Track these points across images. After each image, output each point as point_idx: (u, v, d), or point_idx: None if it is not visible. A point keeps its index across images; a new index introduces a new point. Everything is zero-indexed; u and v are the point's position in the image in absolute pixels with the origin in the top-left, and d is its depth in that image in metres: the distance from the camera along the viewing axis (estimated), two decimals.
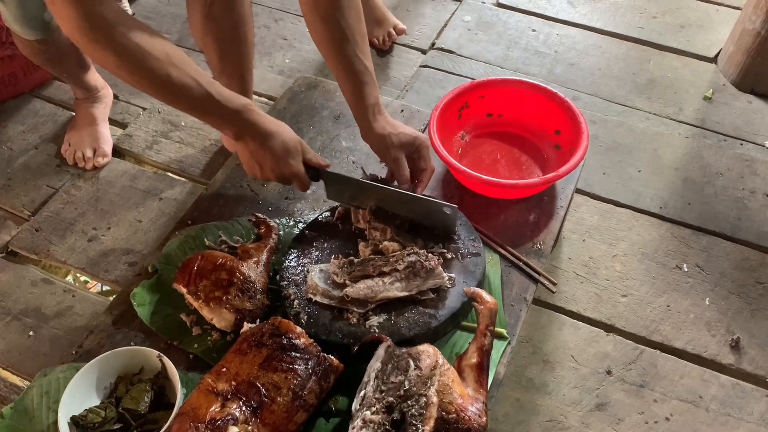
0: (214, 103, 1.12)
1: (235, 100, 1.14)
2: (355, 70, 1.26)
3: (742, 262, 1.72)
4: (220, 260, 1.18)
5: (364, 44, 1.27)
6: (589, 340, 1.57)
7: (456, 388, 0.99)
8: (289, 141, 1.19)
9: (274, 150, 1.18)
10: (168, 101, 1.13)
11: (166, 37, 1.09)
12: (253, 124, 1.16)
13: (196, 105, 1.12)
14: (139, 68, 1.04)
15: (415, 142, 1.31)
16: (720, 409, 1.46)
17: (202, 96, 1.10)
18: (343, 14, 1.22)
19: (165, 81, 1.06)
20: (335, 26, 1.23)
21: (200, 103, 1.11)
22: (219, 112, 1.13)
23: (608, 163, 1.95)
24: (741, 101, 2.17)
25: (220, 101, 1.12)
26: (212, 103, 1.11)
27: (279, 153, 1.18)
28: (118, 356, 1.11)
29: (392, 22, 2.31)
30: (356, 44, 1.25)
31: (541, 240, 1.36)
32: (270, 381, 0.97)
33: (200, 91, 1.09)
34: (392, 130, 1.30)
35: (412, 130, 1.32)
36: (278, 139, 1.18)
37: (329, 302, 1.15)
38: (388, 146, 1.29)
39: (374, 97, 1.29)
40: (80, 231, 1.79)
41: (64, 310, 1.62)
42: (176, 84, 1.07)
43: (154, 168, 1.97)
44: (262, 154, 1.18)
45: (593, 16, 2.45)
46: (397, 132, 1.30)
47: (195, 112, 1.15)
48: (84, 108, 1.96)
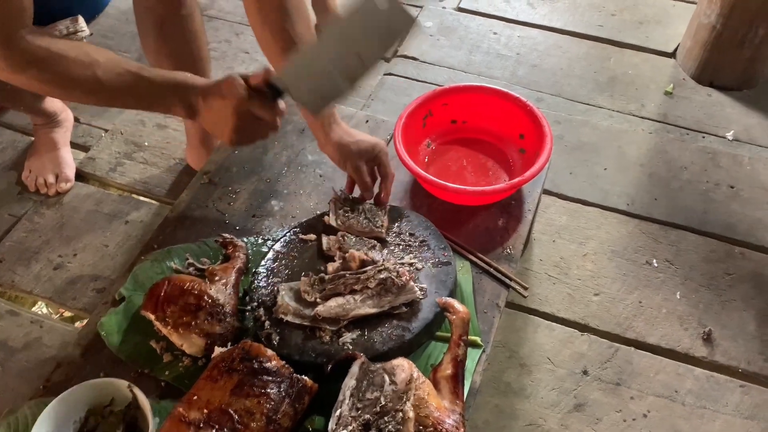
0: (153, 86, 1.09)
1: (171, 75, 1.12)
2: None
3: (710, 254, 1.74)
4: (188, 284, 1.16)
5: None
6: (565, 341, 1.58)
7: (432, 401, 0.99)
8: (225, 82, 1.11)
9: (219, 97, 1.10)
10: (106, 102, 1.12)
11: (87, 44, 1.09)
12: (194, 89, 1.12)
13: (134, 96, 1.10)
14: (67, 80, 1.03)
15: (374, 150, 1.30)
16: (696, 402, 1.48)
17: (137, 82, 1.08)
18: (293, 24, 1.21)
19: (96, 83, 1.05)
20: (284, 36, 1.21)
21: (139, 94, 1.10)
22: (161, 93, 1.11)
23: (574, 162, 1.97)
24: (701, 94, 2.20)
25: (157, 80, 1.10)
26: (151, 85, 1.09)
27: (225, 95, 1.09)
28: (87, 389, 1.08)
29: None
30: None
31: (510, 245, 1.37)
32: (242, 407, 0.96)
33: (135, 79, 1.07)
34: (350, 139, 1.29)
35: (370, 138, 1.32)
36: (216, 87, 1.11)
37: (301, 321, 1.14)
38: (347, 156, 1.29)
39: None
40: (45, 259, 1.75)
41: (31, 341, 1.58)
42: (107, 84, 1.05)
43: (119, 190, 1.94)
44: (214, 108, 1.11)
45: (553, 17, 2.48)
46: (355, 140, 1.29)
47: (137, 103, 1.14)
48: (44, 133, 1.92)
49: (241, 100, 1.10)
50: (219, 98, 1.10)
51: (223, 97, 1.10)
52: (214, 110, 1.12)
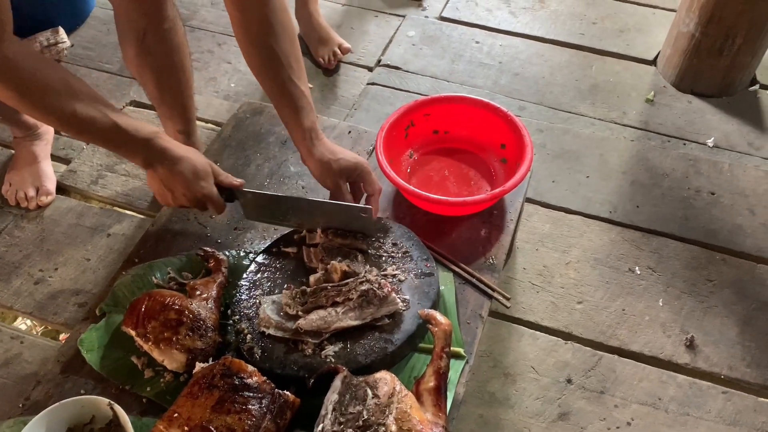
0: (121, 134, 1.12)
1: (142, 129, 1.15)
2: (291, 95, 1.26)
3: (692, 261, 1.76)
4: (168, 299, 1.15)
5: (299, 69, 1.26)
6: (548, 350, 1.58)
7: (415, 414, 0.98)
8: (199, 164, 1.21)
9: (184, 174, 1.19)
10: (74, 134, 1.16)
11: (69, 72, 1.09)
12: (162, 151, 1.17)
13: (103, 136, 1.13)
14: (40, 103, 1.05)
15: (356, 169, 1.29)
16: (679, 409, 1.49)
17: (108, 127, 1.10)
18: (277, 40, 1.22)
19: (69, 115, 1.06)
20: (269, 52, 1.23)
21: (107, 135, 1.12)
22: (127, 142, 1.14)
23: (557, 170, 1.98)
24: (681, 102, 2.22)
25: (128, 131, 1.13)
26: (119, 133, 1.12)
27: (189, 176, 1.19)
28: (67, 407, 1.07)
29: (337, 41, 2.31)
30: (291, 69, 1.25)
31: (493, 255, 1.37)
32: (223, 424, 0.95)
33: (106, 122, 1.10)
34: (332, 157, 1.28)
35: (353, 155, 1.30)
36: (187, 162, 1.19)
37: (283, 334, 1.14)
38: (328, 173, 1.28)
39: (311, 122, 1.28)
40: (26, 273, 1.74)
41: (11, 358, 1.57)
42: (80, 116, 1.07)
43: (101, 203, 1.93)
44: (172, 179, 1.19)
45: (534, 25, 2.49)
46: (337, 158, 1.28)
47: (102, 143, 1.17)
48: (24, 146, 1.91)
49: (208, 195, 1.22)
50: (184, 177, 1.19)
51: (189, 180, 1.19)
52: (172, 181, 1.19)
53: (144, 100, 2.19)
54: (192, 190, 1.20)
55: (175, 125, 1.73)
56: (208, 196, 1.22)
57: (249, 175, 1.53)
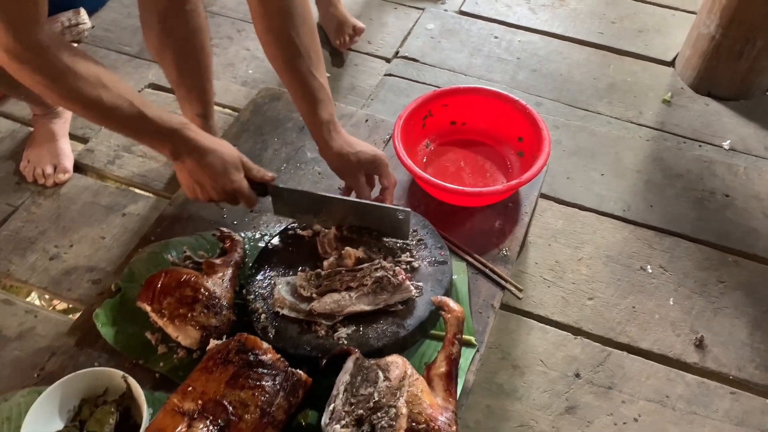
0: (148, 124, 1.11)
1: (171, 119, 1.13)
2: (310, 88, 1.25)
3: (704, 261, 1.75)
4: (185, 277, 1.16)
5: (318, 61, 1.26)
6: (558, 344, 1.59)
7: (425, 399, 0.99)
8: (229, 156, 1.18)
9: (214, 166, 1.16)
10: (102, 122, 1.13)
11: (99, 61, 1.09)
12: (190, 142, 1.15)
13: (130, 126, 1.11)
14: (70, 90, 1.04)
15: (374, 162, 1.29)
16: (686, 407, 1.49)
17: (135, 116, 1.09)
18: (297, 31, 1.22)
19: (96, 102, 1.06)
20: (289, 44, 1.22)
21: (134, 124, 1.10)
22: (154, 132, 1.12)
23: (572, 167, 1.98)
24: (699, 104, 2.21)
25: (155, 120, 1.11)
26: (146, 123, 1.10)
27: (218, 169, 1.16)
28: (81, 378, 1.08)
29: (351, 23, 2.32)
30: (310, 61, 1.24)
31: (506, 246, 1.37)
32: (237, 399, 0.96)
33: (133, 112, 1.09)
34: (350, 149, 1.28)
35: (371, 148, 1.31)
36: (217, 155, 1.16)
37: (297, 315, 1.15)
38: (346, 166, 1.29)
39: (329, 114, 1.27)
40: (41, 249, 1.75)
41: (25, 331, 1.58)
42: (107, 105, 1.06)
43: (117, 183, 1.94)
44: (201, 171, 1.16)
45: (554, 23, 2.49)
46: (355, 151, 1.28)
47: (129, 132, 1.14)
48: (43, 124, 1.92)
49: (237, 189, 1.19)
50: (213, 169, 1.16)
51: (219, 173, 1.16)
52: (200, 174, 1.17)
53: (162, 83, 2.20)
54: (222, 183, 1.17)
55: (194, 108, 1.74)
56: (239, 190, 1.19)
57: (266, 159, 1.54)
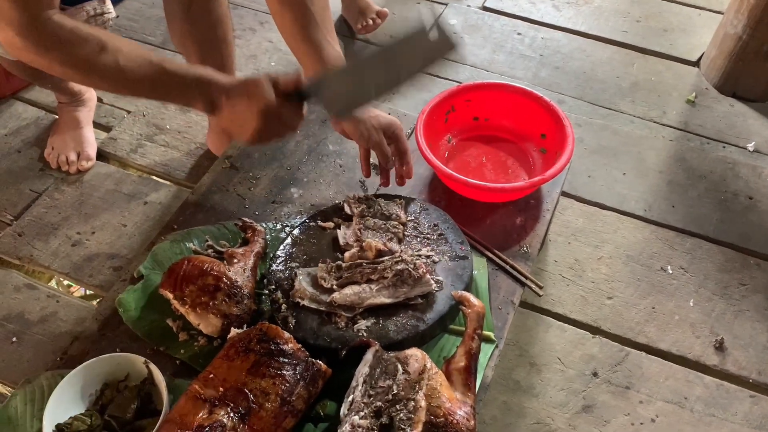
0: (172, 78, 1.07)
1: (191, 69, 1.09)
2: (327, 56, 1.22)
3: (726, 263, 1.74)
4: (207, 265, 1.17)
5: (333, 31, 1.26)
6: (576, 343, 1.58)
7: (444, 392, 0.99)
8: (252, 80, 1.09)
9: (243, 95, 1.08)
10: (125, 89, 1.10)
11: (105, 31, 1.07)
12: (217, 84, 1.09)
13: (154, 85, 1.08)
14: (89, 64, 1.03)
15: (391, 126, 1.32)
16: (704, 409, 1.48)
17: (157, 73, 1.06)
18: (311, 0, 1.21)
19: (117, 70, 1.04)
20: (303, 11, 1.20)
21: (158, 82, 1.07)
22: (180, 86, 1.08)
23: (593, 166, 1.97)
24: (723, 104, 2.19)
25: (178, 73, 1.07)
26: (170, 78, 1.07)
27: (249, 95, 1.08)
28: (104, 363, 1.10)
29: (374, 9, 2.33)
30: (326, 29, 1.23)
31: (527, 243, 1.37)
32: (258, 387, 0.97)
33: (154, 70, 1.06)
34: (370, 113, 1.31)
35: (386, 115, 1.34)
36: (241, 85, 1.09)
37: (317, 306, 1.15)
38: (369, 129, 1.29)
39: None
40: (64, 235, 1.77)
41: (48, 315, 1.60)
42: (128, 70, 1.04)
43: (139, 171, 1.96)
44: (236, 107, 1.09)
45: (578, 20, 2.47)
46: (375, 115, 1.31)
47: (156, 92, 1.10)
48: (67, 111, 1.94)
49: (269, 103, 1.08)
50: (244, 98, 1.08)
51: (249, 98, 1.08)
52: (236, 110, 1.10)
53: None
54: (257, 108, 1.07)
55: None
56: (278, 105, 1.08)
57: (288, 151, 1.55)
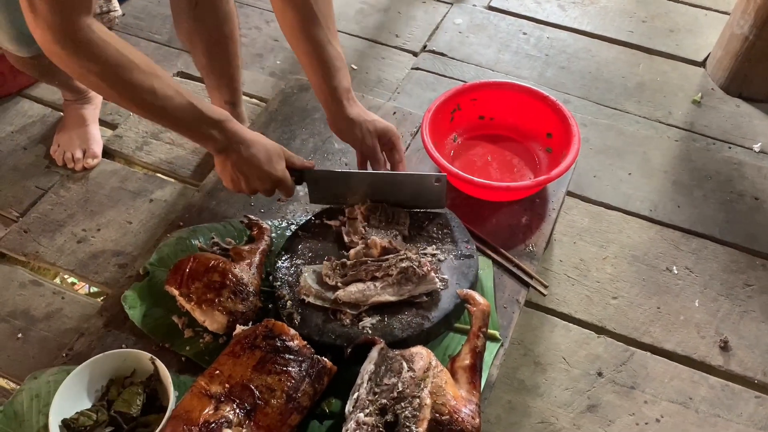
0: (197, 114, 1.11)
1: (216, 111, 1.14)
2: (327, 56, 1.24)
3: (731, 264, 1.73)
4: (213, 262, 1.17)
5: (335, 30, 1.26)
6: (580, 342, 1.58)
7: (449, 390, 0.99)
8: (272, 147, 1.20)
9: (258, 157, 1.18)
10: (150, 115, 1.12)
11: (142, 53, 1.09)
12: (235, 134, 1.16)
13: (178, 117, 1.11)
14: (123, 79, 1.04)
15: (388, 133, 1.31)
16: (709, 410, 1.47)
17: (184, 107, 1.10)
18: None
19: (149, 92, 1.06)
20: (306, 10, 1.21)
21: (183, 115, 1.11)
22: (202, 124, 1.13)
23: (599, 165, 1.97)
24: (729, 105, 2.19)
25: (203, 111, 1.12)
26: (195, 114, 1.11)
27: (263, 159, 1.18)
28: (110, 359, 1.10)
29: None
30: (327, 29, 1.23)
31: (533, 242, 1.37)
32: (264, 383, 0.97)
33: (182, 103, 1.09)
34: (367, 118, 1.29)
35: (384, 121, 1.32)
36: (260, 146, 1.18)
37: (322, 303, 1.15)
38: (364, 133, 1.29)
39: (348, 82, 1.27)
40: (69, 232, 1.78)
41: (53, 312, 1.61)
42: (160, 95, 1.07)
43: (144, 169, 1.96)
44: (247, 162, 1.17)
45: (583, 20, 2.47)
46: (372, 119, 1.30)
47: (177, 125, 1.14)
48: (73, 109, 1.94)
49: (278, 179, 1.21)
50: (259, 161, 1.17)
51: (263, 165, 1.18)
52: (246, 165, 1.18)
53: (191, 72, 2.22)
54: (266, 174, 1.19)
55: (222, 95, 1.75)
56: (283, 179, 1.21)
57: (294, 149, 1.55)
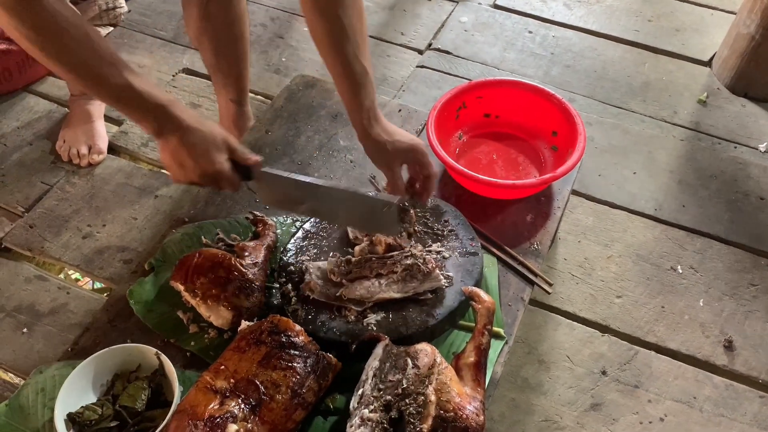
0: (134, 95, 1.05)
1: (158, 95, 1.07)
2: (353, 72, 1.21)
3: (736, 263, 1.73)
4: (218, 258, 1.17)
5: (364, 45, 1.23)
6: (584, 341, 1.58)
7: (454, 387, 0.99)
8: (211, 136, 1.10)
9: (195, 145, 1.08)
10: (85, 87, 1.08)
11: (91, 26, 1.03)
12: (175, 119, 1.07)
13: (113, 94, 1.05)
14: (55, 46, 0.98)
15: (410, 151, 1.24)
16: (713, 409, 1.47)
17: (121, 86, 1.04)
18: (345, 11, 1.18)
19: (81, 65, 1.01)
20: (336, 23, 1.19)
21: (119, 93, 1.05)
22: (139, 105, 1.05)
23: (604, 164, 1.96)
24: (735, 105, 2.18)
25: (142, 93, 1.05)
26: (132, 94, 1.05)
27: (200, 148, 1.08)
28: (115, 353, 1.10)
29: None
30: (356, 45, 1.21)
31: (538, 240, 1.37)
32: (269, 379, 0.97)
33: (121, 82, 1.03)
34: (388, 138, 1.24)
35: (409, 137, 1.26)
36: (199, 134, 1.09)
37: (327, 300, 1.15)
38: (382, 154, 1.25)
39: (371, 101, 1.24)
40: (75, 228, 1.78)
41: (58, 307, 1.61)
42: (94, 70, 1.02)
43: (150, 165, 1.97)
44: (183, 150, 1.08)
45: (589, 19, 2.47)
46: (393, 140, 1.24)
47: (113, 101, 1.08)
48: (79, 105, 1.95)
49: (218, 171, 1.10)
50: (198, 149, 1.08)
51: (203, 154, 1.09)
52: (182, 152, 1.09)
53: (196, 69, 2.22)
54: (202, 163, 1.09)
55: (228, 94, 1.75)
56: (220, 171, 1.10)
57: (299, 146, 1.55)
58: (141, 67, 2.24)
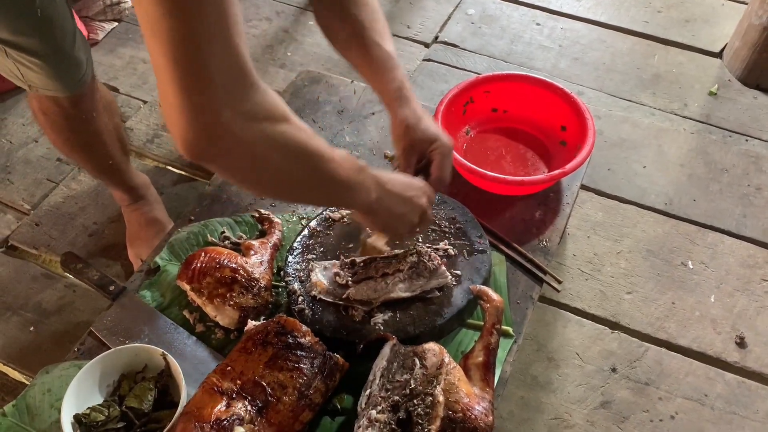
0: (368, 180, 0.95)
1: (355, 162, 0.94)
2: (376, 58, 1.14)
3: (747, 259, 1.71)
4: (224, 257, 1.16)
5: (384, 32, 1.16)
6: (594, 338, 1.57)
7: (462, 387, 0.98)
8: (412, 178, 1.07)
9: (401, 188, 1.02)
10: (316, 200, 1.01)
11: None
12: (376, 178, 0.97)
13: (339, 189, 0.93)
14: (303, 166, 0.85)
15: (430, 143, 1.14)
16: (725, 407, 1.46)
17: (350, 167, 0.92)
18: (359, 10, 1.14)
19: (331, 176, 0.89)
20: (350, 18, 1.15)
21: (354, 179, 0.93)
22: (366, 187, 0.95)
23: (613, 158, 1.94)
24: (746, 97, 2.15)
25: (369, 176, 0.96)
26: (368, 180, 0.95)
27: (405, 187, 1.03)
28: (121, 354, 1.09)
29: None
30: (375, 31, 1.15)
31: (547, 237, 1.35)
32: (275, 380, 0.96)
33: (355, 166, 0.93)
34: (413, 122, 1.13)
35: (437, 129, 1.16)
36: (395, 176, 1.03)
37: (333, 299, 1.14)
38: (401, 137, 1.15)
39: (399, 81, 1.15)
40: (81, 225, 1.78)
41: (65, 305, 1.61)
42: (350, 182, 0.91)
43: (156, 162, 1.96)
44: (398, 202, 1.02)
45: (598, 10, 2.44)
46: (418, 125, 1.14)
47: (336, 200, 1.01)
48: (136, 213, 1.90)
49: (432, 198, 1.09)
50: (402, 197, 1.03)
51: (417, 198, 1.05)
52: (397, 207, 1.02)
53: None
54: (418, 198, 1.05)
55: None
56: (426, 192, 1.08)
57: None
58: (144, 63, 2.23)
